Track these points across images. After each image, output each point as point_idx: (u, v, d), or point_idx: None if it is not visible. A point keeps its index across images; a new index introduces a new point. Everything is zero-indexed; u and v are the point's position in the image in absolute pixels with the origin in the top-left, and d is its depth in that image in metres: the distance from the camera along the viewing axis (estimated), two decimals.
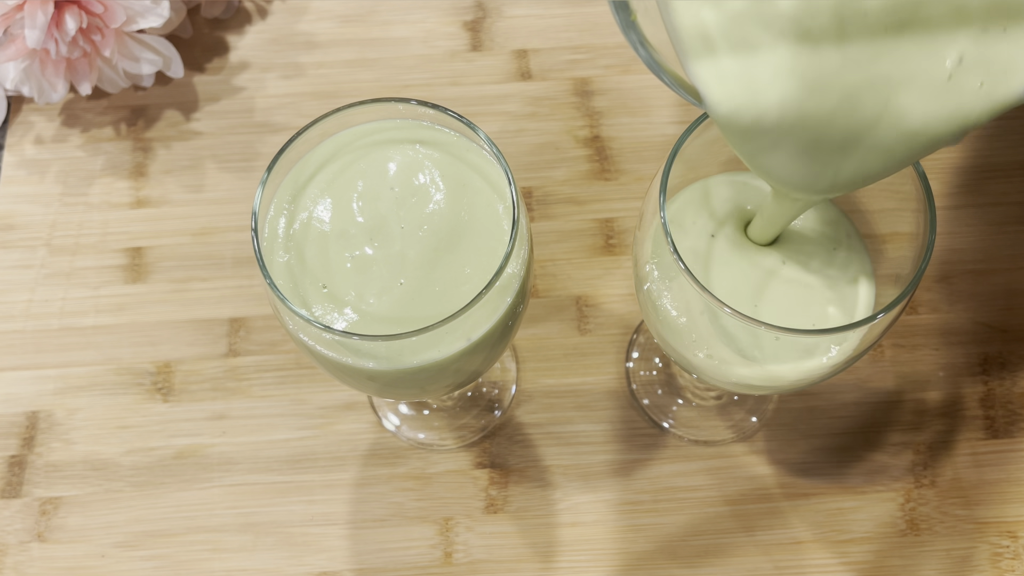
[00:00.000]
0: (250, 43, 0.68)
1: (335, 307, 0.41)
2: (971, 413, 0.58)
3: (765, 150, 0.36)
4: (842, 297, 0.43)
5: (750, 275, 0.43)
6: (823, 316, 0.43)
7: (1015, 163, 0.63)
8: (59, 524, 0.56)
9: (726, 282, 0.43)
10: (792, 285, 0.43)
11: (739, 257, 0.44)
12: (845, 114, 0.34)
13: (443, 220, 0.42)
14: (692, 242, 0.44)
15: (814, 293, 0.43)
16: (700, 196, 0.45)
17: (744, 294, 0.43)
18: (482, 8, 0.68)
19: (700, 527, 0.55)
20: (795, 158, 0.36)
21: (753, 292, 0.43)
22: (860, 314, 0.43)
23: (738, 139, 0.36)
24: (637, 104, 0.65)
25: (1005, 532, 0.55)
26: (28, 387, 0.59)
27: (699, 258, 0.43)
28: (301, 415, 0.58)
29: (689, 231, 0.44)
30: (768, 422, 0.58)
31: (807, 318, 0.43)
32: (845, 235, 0.44)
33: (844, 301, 0.43)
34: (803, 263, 0.43)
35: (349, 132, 0.44)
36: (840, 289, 0.43)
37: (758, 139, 0.35)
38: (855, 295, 0.43)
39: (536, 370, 0.59)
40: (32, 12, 0.57)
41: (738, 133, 0.35)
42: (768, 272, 0.43)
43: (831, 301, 0.43)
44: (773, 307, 0.42)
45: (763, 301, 0.43)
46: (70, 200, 0.63)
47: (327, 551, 0.55)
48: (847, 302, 0.43)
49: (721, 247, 0.44)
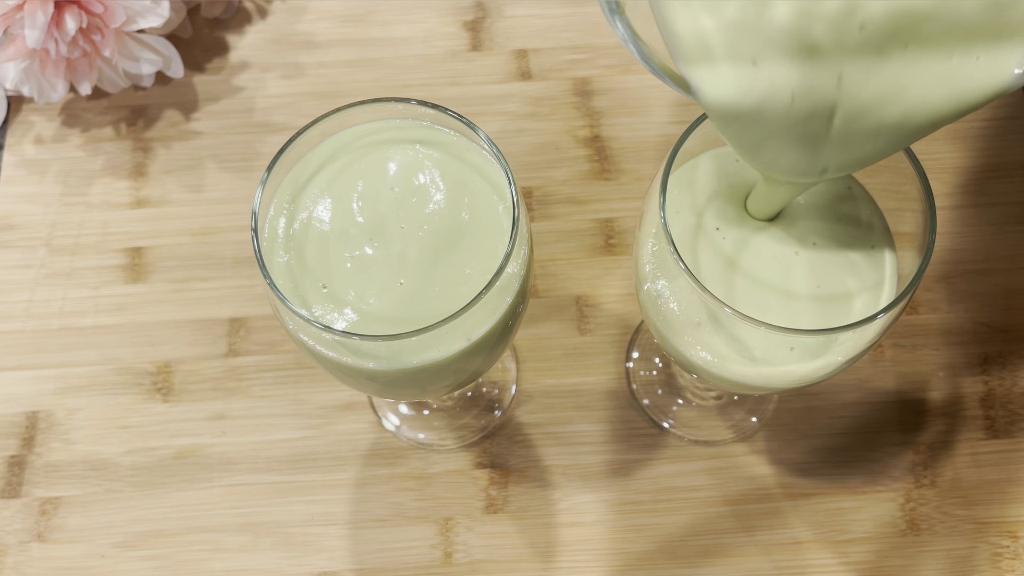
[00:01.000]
0: (250, 43, 0.68)
1: (335, 307, 0.41)
2: (971, 413, 0.57)
3: (758, 141, 0.36)
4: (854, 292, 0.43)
5: (766, 262, 0.43)
6: (839, 310, 0.42)
7: (1015, 163, 0.63)
8: (59, 524, 0.56)
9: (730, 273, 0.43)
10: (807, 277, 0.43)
11: (749, 244, 0.43)
12: (844, 108, 0.34)
13: (443, 220, 0.42)
14: (686, 225, 0.43)
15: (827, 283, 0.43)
16: (688, 178, 0.45)
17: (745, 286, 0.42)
18: (482, 8, 0.68)
19: (700, 527, 0.55)
20: (788, 148, 0.36)
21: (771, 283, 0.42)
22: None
23: (732, 131, 0.36)
24: (637, 104, 0.65)
25: (1005, 532, 0.55)
26: (28, 387, 0.59)
27: (701, 245, 0.43)
28: (301, 415, 0.58)
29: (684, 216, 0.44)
30: (768, 422, 0.58)
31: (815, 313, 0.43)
32: (877, 237, 0.44)
33: (856, 296, 0.43)
34: (822, 258, 0.43)
35: (349, 132, 0.44)
36: (860, 280, 0.43)
37: (751, 130, 0.35)
38: (874, 294, 0.43)
39: (536, 370, 0.59)
40: (32, 12, 0.57)
41: (731, 124, 0.35)
42: (786, 259, 0.43)
43: (845, 295, 0.42)
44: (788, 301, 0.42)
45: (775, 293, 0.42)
46: (70, 200, 0.63)
47: (327, 551, 0.55)
48: (861, 296, 0.43)
49: (725, 235, 0.43)
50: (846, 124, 0.35)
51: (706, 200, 0.44)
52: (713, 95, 0.35)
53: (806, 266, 0.43)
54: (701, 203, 0.44)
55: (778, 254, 0.43)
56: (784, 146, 0.36)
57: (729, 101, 0.35)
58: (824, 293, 0.43)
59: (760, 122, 0.35)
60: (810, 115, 0.35)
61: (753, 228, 0.43)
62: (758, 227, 0.43)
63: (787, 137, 0.36)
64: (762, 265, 0.43)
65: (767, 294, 0.42)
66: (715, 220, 0.44)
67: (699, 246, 0.43)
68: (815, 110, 0.34)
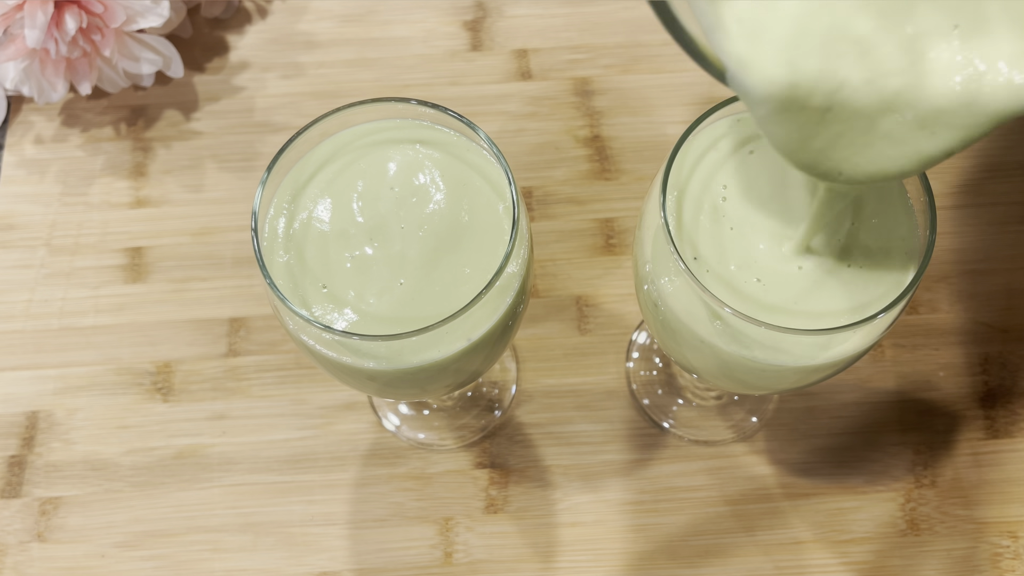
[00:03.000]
0: (250, 43, 0.68)
1: (335, 307, 0.41)
2: (971, 413, 0.57)
3: (805, 132, 0.34)
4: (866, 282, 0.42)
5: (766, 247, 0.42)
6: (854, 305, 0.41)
7: (1015, 163, 0.63)
8: (59, 524, 0.56)
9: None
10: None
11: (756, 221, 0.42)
12: (882, 101, 0.33)
13: (443, 220, 0.42)
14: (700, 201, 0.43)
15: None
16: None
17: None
18: (482, 8, 0.68)
19: (700, 527, 0.55)
20: (833, 140, 0.34)
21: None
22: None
23: (775, 119, 0.34)
24: (637, 104, 0.65)
25: (1005, 532, 0.55)
26: (28, 387, 0.59)
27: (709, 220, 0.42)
28: (301, 415, 0.58)
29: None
30: (768, 422, 0.58)
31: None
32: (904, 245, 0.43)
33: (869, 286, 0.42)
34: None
35: (349, 132, 0.44)
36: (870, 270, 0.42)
37: (797, 117, 0.34)
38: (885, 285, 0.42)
39: (536, 370, 0.59)
40: (32, 12, 0.57)
41: (776, 111, 0.34)
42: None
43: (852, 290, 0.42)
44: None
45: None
46: (70, 200, 0.63)
47: (327, 551, 0.55)
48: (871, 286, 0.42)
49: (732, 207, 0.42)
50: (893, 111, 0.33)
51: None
52: (759, 79, 0.33)
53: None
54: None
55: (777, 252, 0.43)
56: (831, 137, 0.34)
57: (777, 87, 0.33)
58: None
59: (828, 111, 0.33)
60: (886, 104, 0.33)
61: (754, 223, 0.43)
62: (759, 222, 0.43)
63: (831, 125, 0.34)
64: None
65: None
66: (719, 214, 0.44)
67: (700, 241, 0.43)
68: (866, 98, 0.33)
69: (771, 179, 0.43)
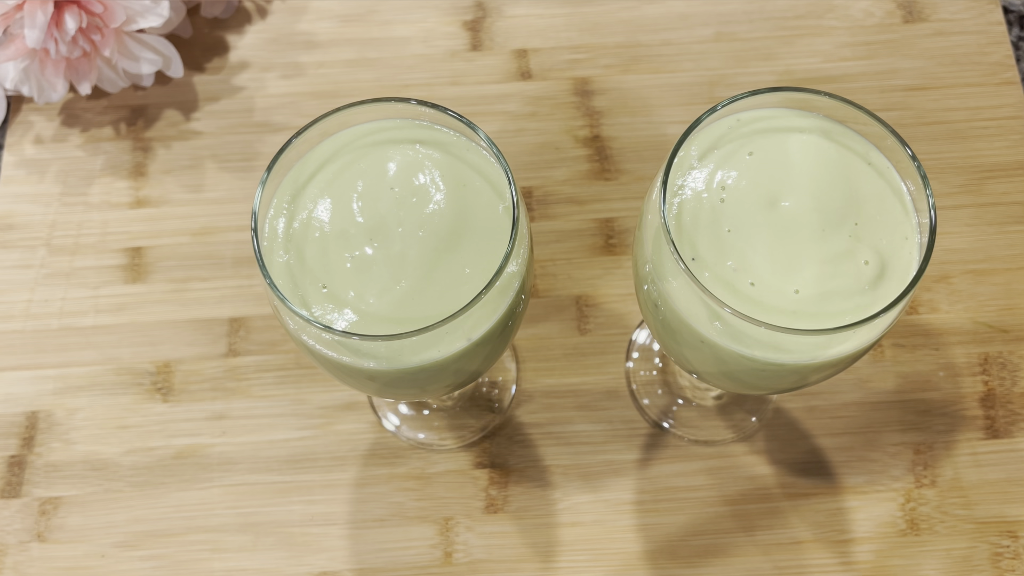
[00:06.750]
0: (250, 43, 0.68)
1: (335, 307, 0.41)
2: (971, 413, 0.58)
3: None
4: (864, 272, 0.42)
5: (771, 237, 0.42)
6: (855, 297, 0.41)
7: (1015, 163, 0.63)
8: (59, 524, 0.56)
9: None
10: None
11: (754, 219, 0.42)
12: None
13: (443, 220, 0.42)
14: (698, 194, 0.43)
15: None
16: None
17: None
18: (482, 8, 0.68)
19: (700, 527, 0.55)
20: None
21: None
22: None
23: None
24: (637, 104, 0.65)
25: (1005, 532, 0.55)
26: (28, 387, 0.59)
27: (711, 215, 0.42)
28: (301, 415, 0.58)
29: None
30: (768, 422, 0.58)
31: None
32: None
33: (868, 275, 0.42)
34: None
35: (349, 132, 0.44)
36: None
37: None
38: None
39: (536, 370, 0.59)
40: (32, 12, 0.57)
41: None
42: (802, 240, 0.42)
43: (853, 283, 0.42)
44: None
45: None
46: (70, 200, 0.63)
47: (327, 551, 0.55)
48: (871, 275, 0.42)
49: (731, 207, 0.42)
50: None
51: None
52: None
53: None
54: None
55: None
56: None
57: None
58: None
59: None
60: None
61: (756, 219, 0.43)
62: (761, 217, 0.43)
63: None
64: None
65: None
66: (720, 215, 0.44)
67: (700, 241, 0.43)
68: None
69: (770, 180, 0.43)
